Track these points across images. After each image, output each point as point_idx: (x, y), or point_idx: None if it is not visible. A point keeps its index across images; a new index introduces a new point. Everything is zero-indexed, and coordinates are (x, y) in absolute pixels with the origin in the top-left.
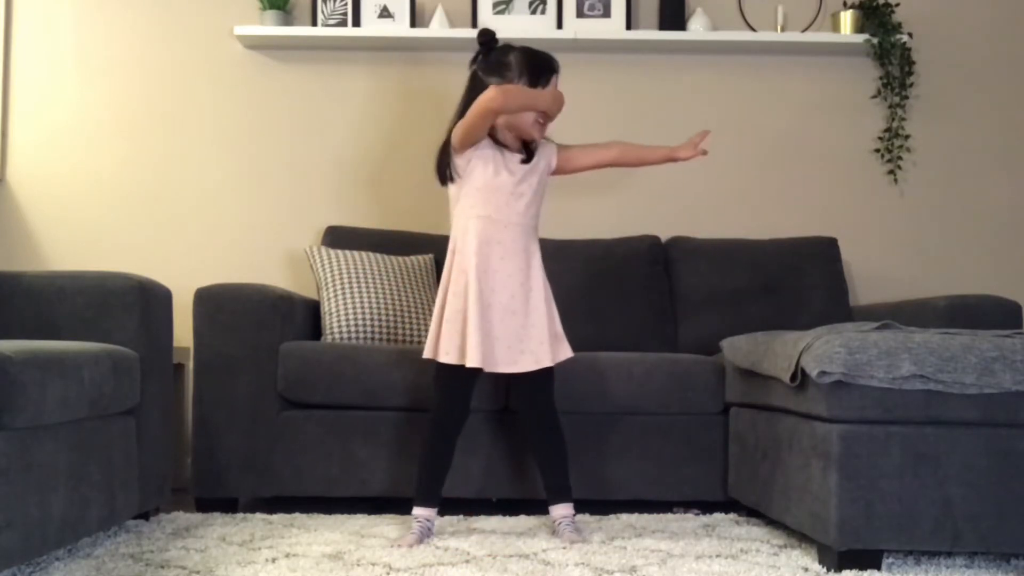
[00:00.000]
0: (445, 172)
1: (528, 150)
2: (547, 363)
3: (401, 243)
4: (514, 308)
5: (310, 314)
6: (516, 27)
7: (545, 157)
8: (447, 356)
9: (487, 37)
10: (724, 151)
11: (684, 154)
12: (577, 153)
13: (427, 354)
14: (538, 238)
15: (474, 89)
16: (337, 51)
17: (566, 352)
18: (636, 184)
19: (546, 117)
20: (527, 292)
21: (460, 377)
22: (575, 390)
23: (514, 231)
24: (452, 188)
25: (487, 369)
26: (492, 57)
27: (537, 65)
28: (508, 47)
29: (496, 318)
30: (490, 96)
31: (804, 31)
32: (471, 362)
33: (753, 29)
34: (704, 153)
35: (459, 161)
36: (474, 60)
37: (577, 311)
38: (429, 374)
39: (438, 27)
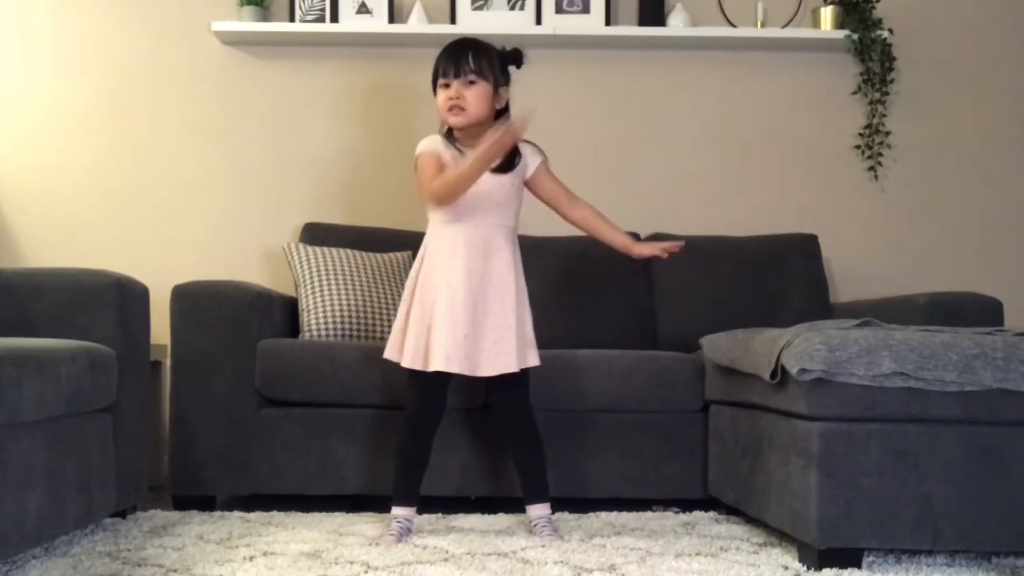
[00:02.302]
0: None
1: (507, 155)
2: (512, 368)
3: (379, 240)
4: (486, 309)
5: (288, 311)
6: (494, 23)
7: (526, 163)
8: (412, 361)
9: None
10: (704, 147)
11: (644, 251)
12: (550, 187)
13: (389, 354)
14: (516, 238)
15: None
16: (315, 47)
17: (534, 359)
18: (616, 180)
19: (455, 103)
20: (501, 293)
21: (432, 377)
22: (554, 388)
23: (490, 233)
24: None
25: (452, 371)
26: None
27: (435, 70)
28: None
29: (463, 319)
30: (434, 195)
31: (784, 27)
32: (434, 366)
33: (733, 25)
34: (664, 257)
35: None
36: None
37: (556, 308)
38: (405, 372)
39: (416, 23)
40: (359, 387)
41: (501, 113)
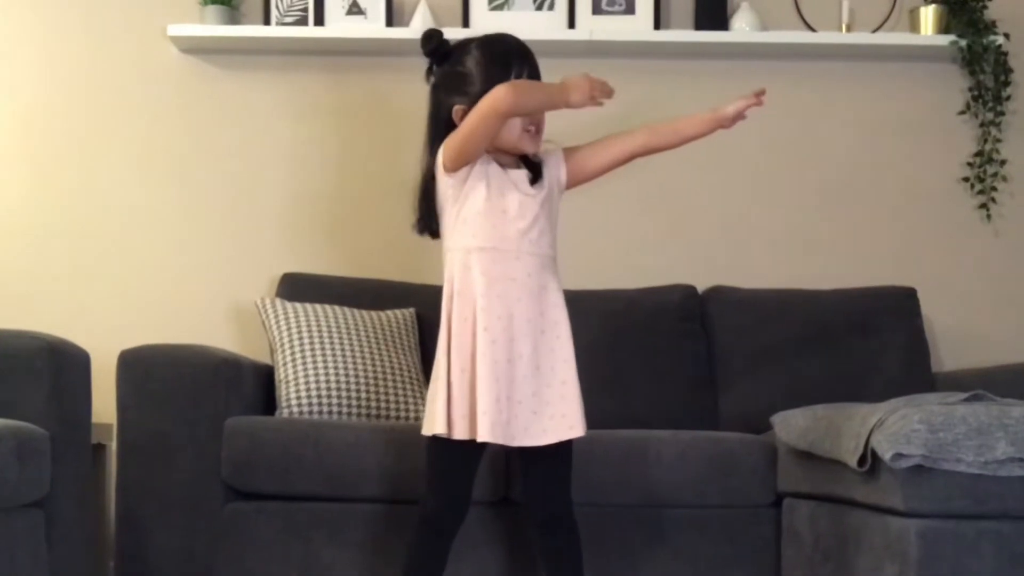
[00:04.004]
0: (429, 220)
1: (531, 165)
2: (580, 431)
3: (374, 294)
4: (537, 362)
5: (262, 382)
6: (518, 26)
7: (553, 169)
8: (461, 431)
9: (434, 43)
10: (775, 180)
11: (730, 110)
12: (589, 152)
13: (431, 429)
14: (557, 272)
15: (437, 112)
16: (295, 56)
17: (584, 426)
18: (665, 220)
19: (537, 125)
20: (552, 341)
21: (464, 458)
22: (593, 477)
23: (528, 264)
24: (445, 216)
25: (505, 443)
26: (447, 69)
27: (504, 55)
28: (463, 48)
29: (515, 376)
30: (498, 96)
31: (875, 31)
32: (482, 436)
33: (812, 29)
34: (759, 102)
35: (451, 181)
36: (429, 72)
37: (594, 378)
38: (414, 457)
39: (421, 26)
40: (350, 476)
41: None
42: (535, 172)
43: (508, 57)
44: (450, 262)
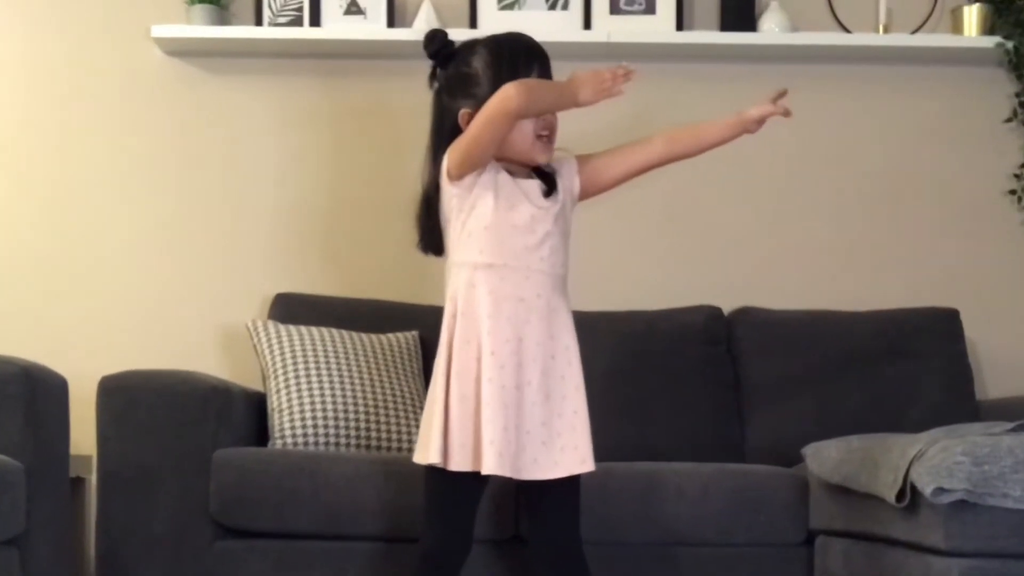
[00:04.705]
0: (432, 236)
1: (544, 175)
2: (591, 466)
3: (374, 316)
4: (547, 389)
5: (253, 411)
6: (530, 27)
7: (566, 179)
8: (460, 462)
9: (437, 44)
10: (807, 192)
11: (754, 114)
12: (605, 162)
13: (425, 458)
14: (567, 292)
15: (441, 118)
16: (289, 59)
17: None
18: (689, 237)
19: (551, 130)
20: (562, 367)
21: (465, 491)
22: (609, 512)
23: (539, 283)
24: (450, 228)
25: (513, 477)
26: (452, 71)
27: (513, 55)
28: (470, 49)
29: (523, 403)
30: (507, 95)
31: (915, 32)
32: (488, 468)
33: (847, 30)
34: (787, 113)
35: (455, 190)
36: (432, 76)
37: (611, 406)
38: (416, 492)
39: (425, 27)
40: (349, 512)
41: None
42: (549, 183)
43: (517, 57)
44: (454, 278)
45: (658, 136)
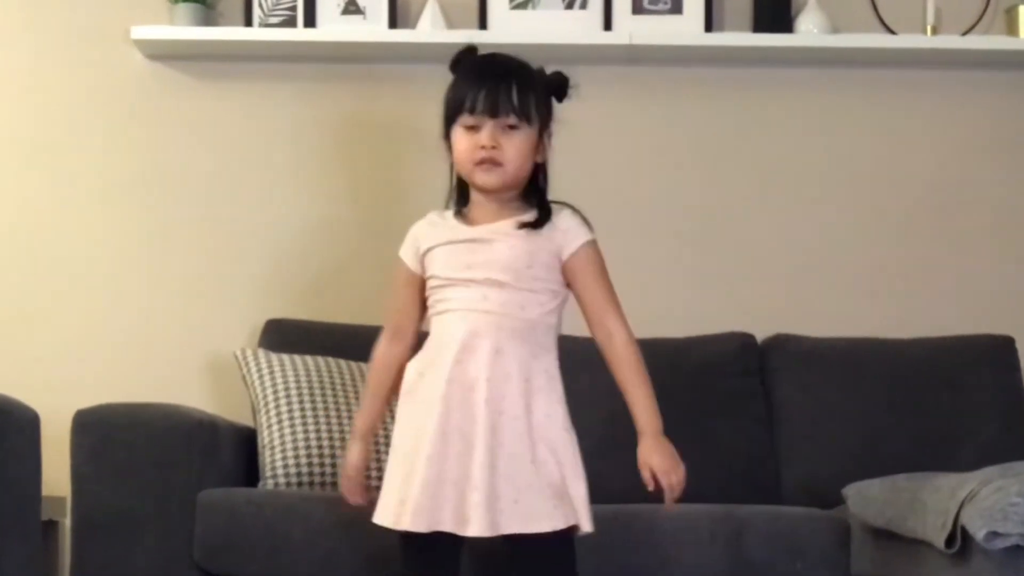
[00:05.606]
0: None
1: (541, 206)
2: (542, 526)
3: (371, 344)
4: (498, 440)
5: (242, 447)
6: (543, 29)
7: (568, 235)
8: (382, 515)
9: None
10: (847, 209)
11: (641, 467)
12: (582, 284)
13: (376, 516)
14: (551, 340)
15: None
16: (282, 63)
17: (585, 523)
18: (718, 257)
19: (488, 158)
20: (512, 420)
21: (434, 549)
22: (632, 559)
23: (494, 324)
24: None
25: (426, 528)
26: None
27: (454, 86)
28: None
29: (439, 453)
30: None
31: (965, 34)
32: (402, 522)
33: (892, 31)
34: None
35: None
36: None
37: (633, 442)
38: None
39: (430, 28)
40: (344, 560)
41: (538, 170)
42: (541, 219)
43: (461, 87)
44: (431, 332)
45: (611, 346)
